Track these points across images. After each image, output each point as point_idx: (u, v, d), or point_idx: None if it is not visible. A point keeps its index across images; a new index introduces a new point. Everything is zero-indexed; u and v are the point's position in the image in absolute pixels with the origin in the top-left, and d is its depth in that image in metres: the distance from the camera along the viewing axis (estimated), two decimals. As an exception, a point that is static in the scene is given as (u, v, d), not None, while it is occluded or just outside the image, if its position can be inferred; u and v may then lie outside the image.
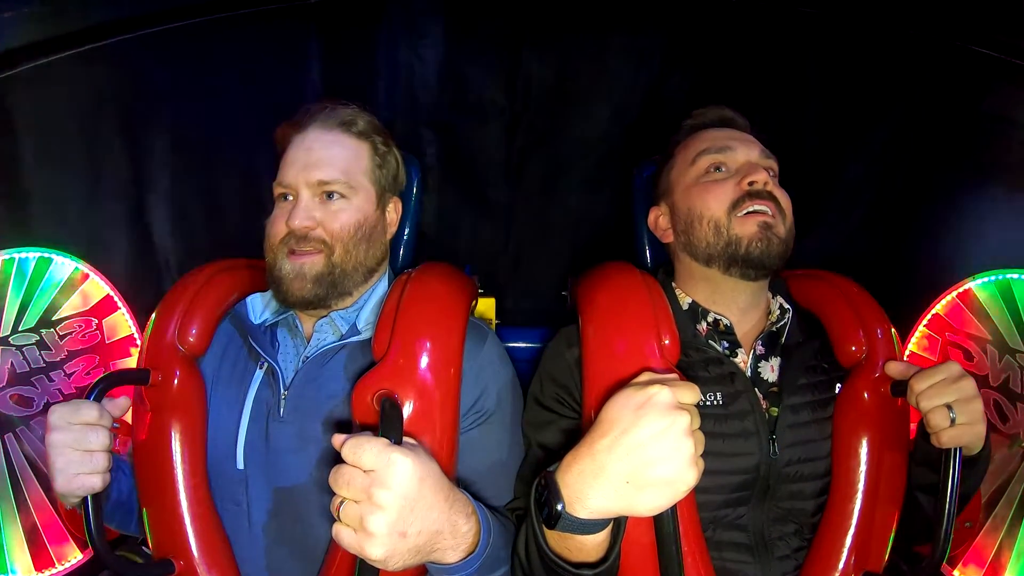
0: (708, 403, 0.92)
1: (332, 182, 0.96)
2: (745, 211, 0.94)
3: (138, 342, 1.38)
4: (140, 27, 1.28)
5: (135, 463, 0.94)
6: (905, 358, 1.08)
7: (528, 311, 1.58)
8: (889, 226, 1.46)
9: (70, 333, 1.36)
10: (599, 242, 1.53)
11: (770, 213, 0.94)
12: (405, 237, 1.17)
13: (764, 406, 0.94)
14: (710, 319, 0.99)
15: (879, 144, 1.44)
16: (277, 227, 0.97)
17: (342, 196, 0.97)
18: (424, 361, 0.86)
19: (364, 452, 0.66)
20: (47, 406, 1.29)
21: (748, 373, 0.97)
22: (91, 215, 1.40)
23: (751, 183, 0.95)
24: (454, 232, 1.58)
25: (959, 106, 1.34)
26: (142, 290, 1.42)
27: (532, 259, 1.60)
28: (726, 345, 0.98)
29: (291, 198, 0.97)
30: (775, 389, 0.96)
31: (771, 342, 1.00)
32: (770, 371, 0.97)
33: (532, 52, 1.45)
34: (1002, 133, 1.28)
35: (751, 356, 0.98)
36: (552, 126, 1.50)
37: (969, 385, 0.82)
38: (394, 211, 1.07)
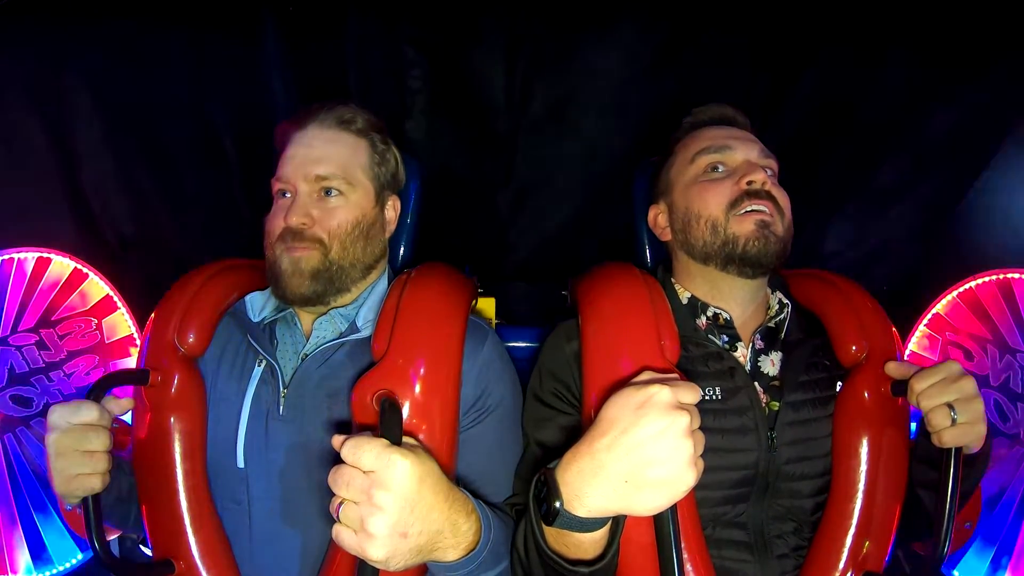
0: (707, 397, 0.92)
1: (330, 177, 0.96)
2: (743, 210, 0.94)
3: (138, 342, 1.38)
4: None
5: (135, 463, 0.94)
6: (905, 358, 1.07)
7: (532, 248, 1.48)
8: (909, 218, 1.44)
9: (70, 333, 1.36)
10: (613, 178, 1.40)
11: (768, 212, 0.94)
12: (404, 236, 1.17)
13: (764, 400, 0.94)
14: (710, 313, 0.99)
15: (905, 133, 1.40)
16: (275, 223, 0.97)
17: (340, 193, 0.97)
18: (424, 361, 0.86)
19: (364, 453, 0.65)
20: (47, 406, 1.29)
21: (748, 367, 0.97)
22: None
23: (749, 183, 0.95)
24: (446, 165, 1.44)
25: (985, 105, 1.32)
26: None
27: (537, 196, 1.48)
28: (726, 339, 0.98)
29: (289, 195, 0.98)
30: (776, 383, 0.96)
31: (770, 337, 1.00)
32: (770, 365, 0.97)
33: None
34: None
35: (750, 350, 0.98)
36: (562, 49, 1.37)
37: (970, 385, 0.81)
38: (393, 209, 1.07)
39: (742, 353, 0.98)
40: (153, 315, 0.99)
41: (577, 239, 1.52)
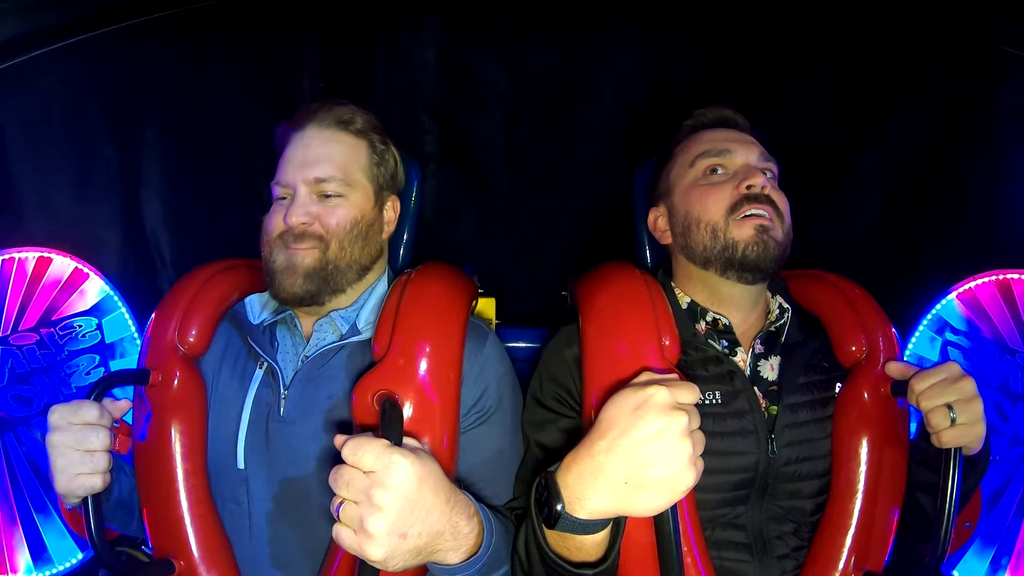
0: (707, 402, 0.92)
1: (329, 179, 0.96)
2: (743, 215, 0.94)
3: (138, 342, 1.38)
4: (124, 18, 1.27)
5: (135, 463, 0.94)
6: (905, 358, 1.07)
7: (529, 301, 1.56)
8: (898, 221, 1.45)
9: (70, 333, 1.36)
10: (603, 233, 1.52)
11: (767, 217, 0.94)
12: (404, 237, 1.17)
13: (763, 405, 0.94)
14: (709, 318, 0.99)
15: (894, 136, 1.42)
16: (274, 223, 0.96)
17: (339, 195, 0.97)
18: (424, 362, 0.86)
19: (364, 453, 0.66)
20: (47, 406, 1.29)
21: (747, 372, 0.97)
22: (81, 212, 1.40)
23: (749, 187, 0.95)
24: (454, 221, 1.57)
25: (975, 101, 1.32)
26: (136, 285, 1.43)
27: (534, 249, 1.59)
28: (725, 344, 0.98)
29: (288, 197, 0.97)
30: (774, 388, 0.96)
31: (770, 341, 1.00)
32: (769, 370, 0.97)
33: (535, 38, 1.44)
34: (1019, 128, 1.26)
35: (750, 355, 0.98)
36: (555, 113, 1.49)
37: (969, 385, 0.82)
38: (392, 210, 1.07)
39: (741, 358, 0.98)
40: (154, 315, 0.99)
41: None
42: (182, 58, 1.39)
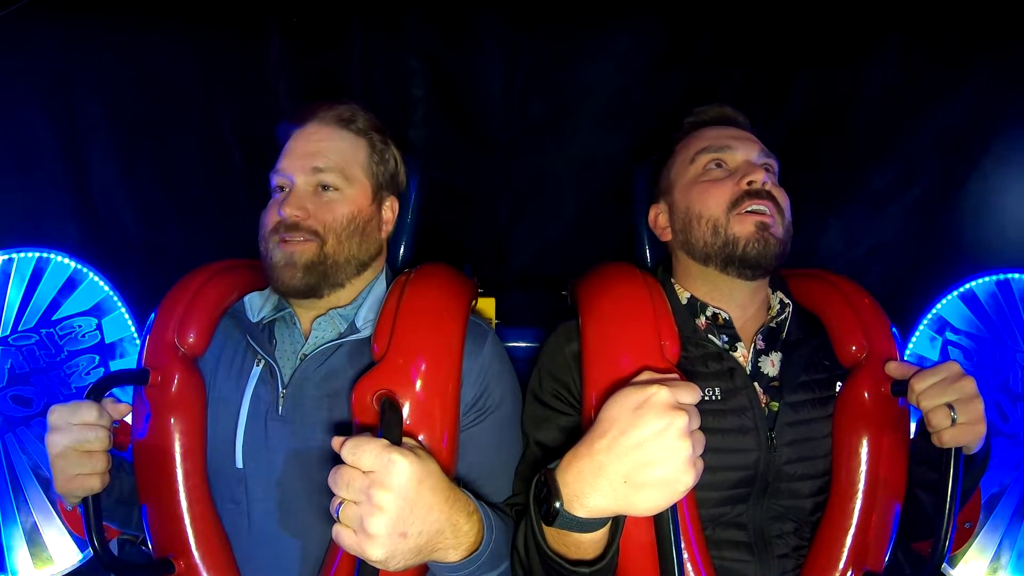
0: (706, 398, 0.92)
1: (327, 170, 0.96)
2: (743, 211, 0.94)
3: (138, 342, 1.38)
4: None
5: (135, 463, 0.94)
6: (905, 358, 1.07)
7: (529, 256, 1.50)
8: (900, 221, 1.45)
9: (70, 333, 1.36)
10: (608, 189, 1.45)
11: (768, 213, 0.94)
12: (404, 238, 1.17)
13: (764, 401, 0.94)
14: (709, 313, 0.99)
15: (895, 135, 1.41)
16: (270, 216, 0.97)
17: (336, 188, 0.97)
18: (424, 361, 0.86)
19: (363, 453, 0.65)
20: (47, 406, 1.29)
21: (748, 367, 0.97)
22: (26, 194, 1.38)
23: (750, 183, 0.95)
24: (447, 171, 1.47)
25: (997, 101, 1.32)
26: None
27: (535, 203, 1.51)
28: (725, 339, 0.98)
29: (286, 189, 0.98)
30: (775, 384, 0.96)
31: (771, 337, 1.00)
32: (770, 366, 0.97)
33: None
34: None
35: (751, 350, 0.98)
36: (560, 57, 1.40)
37: (970, 385, 0.81)
38: (391, 210, 1.07)
39: (742, 354, 0.98)
40: (153, 315, 0.99)
41: (576, 243, 1.54)
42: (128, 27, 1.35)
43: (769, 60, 1.36)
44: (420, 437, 0.82)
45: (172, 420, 0.92)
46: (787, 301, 1.02)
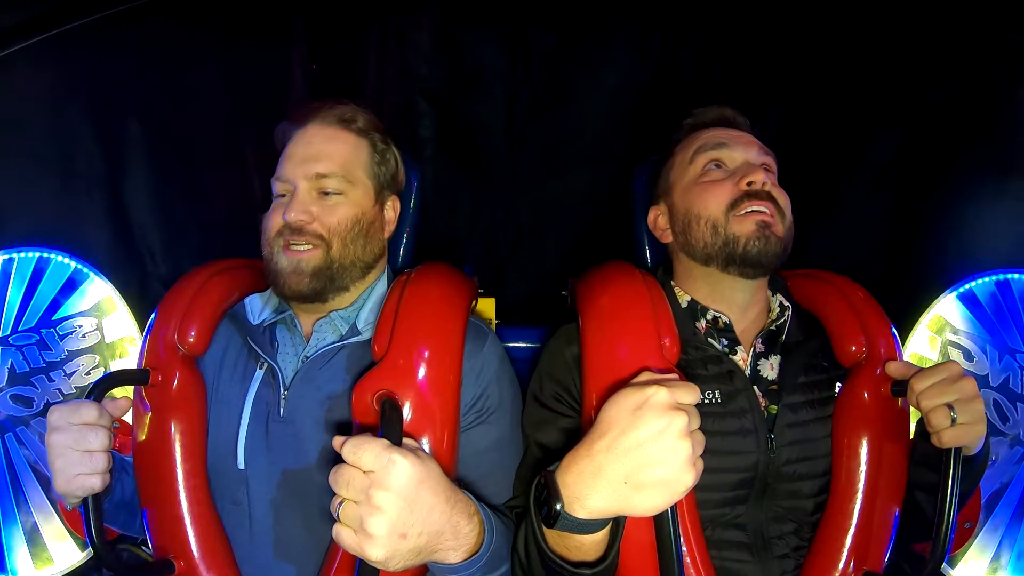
0: (706, 401, 0.92)
1: (330, 175, 0.96)
2: (743, 211, 0.94)
3: (138, 342, 1.38)
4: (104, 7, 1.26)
5: (135, 463, 0.94)
6: (905, 358, 1.07)
7: (528, 285, 1.55)
8: (899, 221, 1.45)
9: (70, 333, 1.36)
10: (603, 221, 1.49)
11: (768, 213, 0.94)
12: (404, 237, 1.17)
13: (763, 404, 0.94)
14: (709, 316, 0.99)
15: (896, 136, 1.42)
16: (273, 220, 0.96)
17: (339, 192, 0.97)
18: (424, 362, 0.86)
19: (364, 453, 0.66)
20: (47, 406, 1.29)
21: (748, 371, 0.97)
22: (63, 206, 1.40)
23: (749, 183, 0.95)
24: (452, 205, 1.55)
25: (988, 96, 1.32)
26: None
27: (534, 234, 1.57)
28: (725, 343, 0.98)
29: (288, 193, 0.97)
30: (774, 387, 0.96)
31: (771, 340, 1.00)
32: (769, 369, 0.97)
33: (536, 18, 1.41)
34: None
35: (751, 354, 0.98)
36: (556, 94, 1.46)
37: (970, 385, 0.81)
38: (392, 210, 1.07)
39: (741, 357, 0.98)
40: (153, 315, 0.99)
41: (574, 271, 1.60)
42: (168, 45, 1.38)
43: (750, 92, 1.40)
44: (420, 437, 0.82)
45: (172, 420, 0.92)
46: (787, 304, 1.02)
